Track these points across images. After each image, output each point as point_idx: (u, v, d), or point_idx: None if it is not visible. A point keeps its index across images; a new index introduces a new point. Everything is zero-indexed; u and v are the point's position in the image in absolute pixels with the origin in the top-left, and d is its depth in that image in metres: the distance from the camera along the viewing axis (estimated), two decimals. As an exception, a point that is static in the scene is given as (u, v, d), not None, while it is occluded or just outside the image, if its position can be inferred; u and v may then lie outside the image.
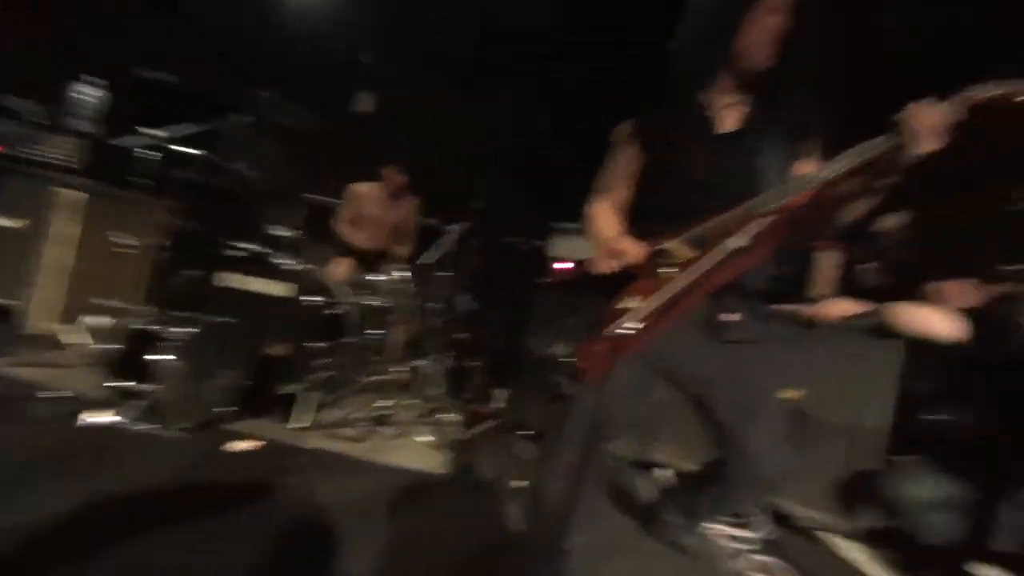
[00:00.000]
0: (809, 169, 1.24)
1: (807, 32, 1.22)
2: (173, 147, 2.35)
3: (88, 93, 3.08)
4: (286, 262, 2.47)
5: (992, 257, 2.01)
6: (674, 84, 1.31)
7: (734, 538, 1.91)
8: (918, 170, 1.04)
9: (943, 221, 2.58)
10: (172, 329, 2.04)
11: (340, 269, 3.15)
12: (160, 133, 2.25)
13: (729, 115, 1.30)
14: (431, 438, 2.40)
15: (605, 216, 1.41)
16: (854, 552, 2.00)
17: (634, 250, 1.21)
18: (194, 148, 2.39)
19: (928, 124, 0.99)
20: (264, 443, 2.05)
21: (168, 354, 1.99)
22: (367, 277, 3.07)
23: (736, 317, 1.28)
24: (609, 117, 1.46)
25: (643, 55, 1.37)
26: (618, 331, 1.19)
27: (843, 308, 2.11)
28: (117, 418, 1.95)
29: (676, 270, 1.22)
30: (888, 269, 2.61)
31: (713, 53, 1.26)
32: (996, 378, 1.81)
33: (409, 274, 2.93)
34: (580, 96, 3.31)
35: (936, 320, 1.89)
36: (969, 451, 1.80)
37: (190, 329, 2.07)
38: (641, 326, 1.18)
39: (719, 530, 1.92)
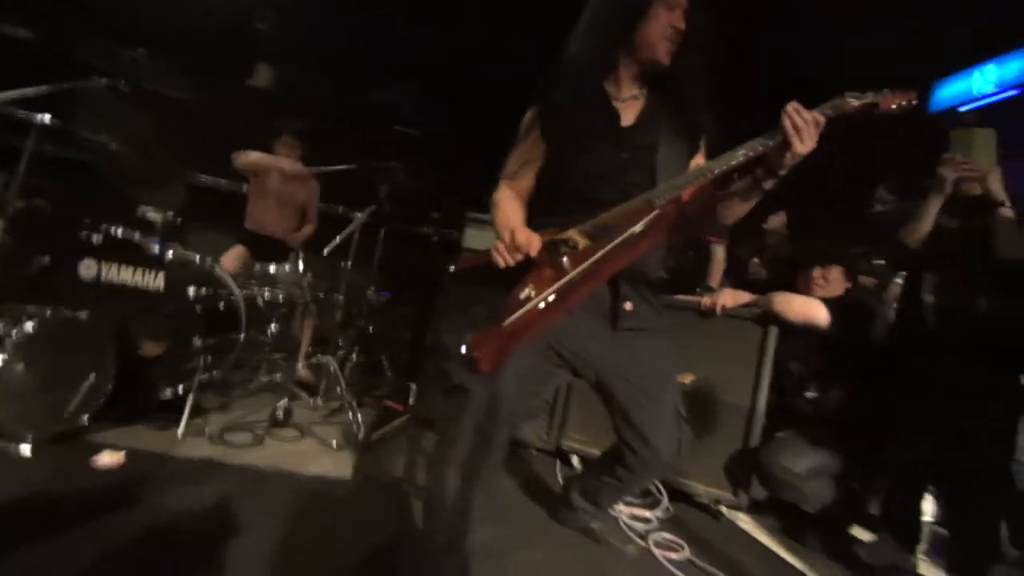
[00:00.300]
0: (700, 163, 1.31)
1: (701, 34, 1.26)
2: (18, 111, 1.99)
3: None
4: (162, 249, 2.18)
5: (856, 254, 2.27)
6: (574, 72, 1.31)
7: (637, 518, 1.99)
8: (794, 172, 1.12)
9: (815, 221, 2.88)
10: (13, 327, 1.72)
11: (232, 257, 2.87)
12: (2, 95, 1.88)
13: (629, 108, 1.34)
14: (335, 440, 2.26)
15: (508, 203, 1.39)
16: (747, 523, 2.17)
17: (532, 244, 1.19)
18: (46, 113, 2.04)
19: (808, 124, 1.05)
20: (126, 456, 1.79)
21: (6, 355, 1.68)
22: (267, 267, 2.82)
23: (632, 306, 1.32)
24: (524, 104, 1.43)
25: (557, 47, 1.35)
26: (513, 319, 1.16)
27: (733, 297, 2.27)
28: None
29: (569, 261, 1.22)
30: (770, 263, 2.88)
31: (613, 44, 1.28)
32: (857, 359, 2.04)
33: (304, 264, 2.72)
34: (496, 82, 3.24)
35: (815, 308, 2.09)
36: (836, 425, 2.02)
37: (36, 326, 1.76)
38: (537, 314, 1.17)
39: (622, 511, 2.00)
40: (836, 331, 2.07)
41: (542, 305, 1.18)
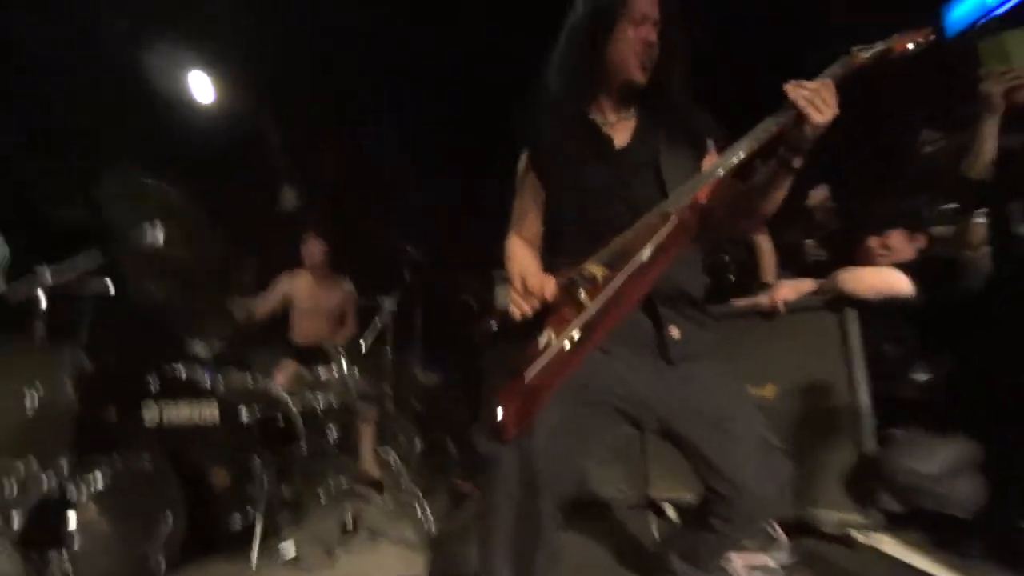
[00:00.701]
0: (712, 162, 1.20)
1: (679, 39, 1.22)
2: (70, 282, 2.20)
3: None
4: (213, 379, 2.26)
5: (916, 206, 2.01)
6: (556, 106, 1.28)
7: (756, 567, 1.71)
8: (823, 141, 1.02)
9: (862, 184, 2.61)
10: (88, 483, 1.79)
11: (284, 372, 2.94)
12: (50, 273, 2.09)
13: (621, 130, 1.28)
14: (407, 539, 2.14)
15: (520, 251, 1.33)
16: (891, 545, 1.81)
17: (547, 287, 1.09)
18: (96, 277, 2.25)
19: (819, 93, 0.97)
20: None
21: (86, 512, 1.73)
22: (318, 373, 2.86)
23: (680, 332, 1.16)
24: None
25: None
26: (535, 371, 1.04)
27: (794, 288, 2.04)
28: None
29: (587, 295, 1.10)
30: (826, 241, 2.61)
31: (586, 71, 1.25)
32: (960, 320, 1.74)
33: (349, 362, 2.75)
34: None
35: (891, 276, 1.83)
36: (961, 404, 1.69)
37: (108, 478, 1.83)
38: (560, 359, 1.04)
39: (739, 561, 1.72)
40: (926, 296, 1.78)
41: (566, 347, 1.06)
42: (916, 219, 1.96)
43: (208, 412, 2.21)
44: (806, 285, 2.06)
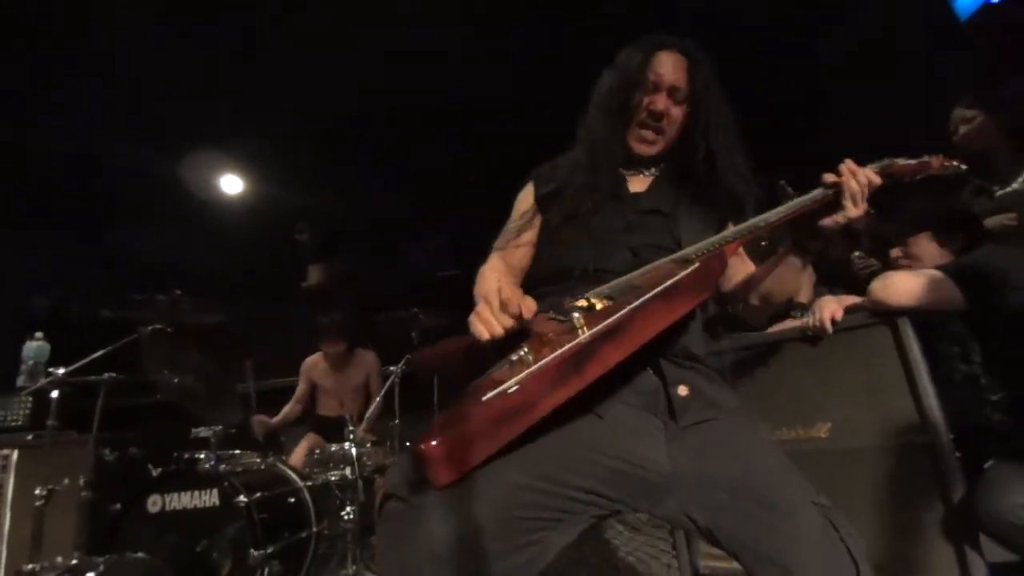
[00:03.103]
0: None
1: (706, 111, 1.17)
2: (89, 377, 2.27)
3: (32, 349, 3.05)
4: (216, 465, 2.20)
5: (946, 203, 1.72)
6: (587, 153, 1.24)
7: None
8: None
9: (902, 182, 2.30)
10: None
11: (302, 447, 2.87)
12: (62, 371, 2.17)
13: (640, 179, 1.24)
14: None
15: (495, 272, 1.19)
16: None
17: (526, 304, 0.85)
18: (112, 372, 2.32)
19: (863, 185, 0.97)
20: None
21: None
22: (340, 448, 2.75)
23: (689, 391, 0.96)
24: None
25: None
26: (499, 392, 0.71)
27: (841, 305, 1.76)
28: None
29: (583, 320, 0.84)
30: (874, 251, 2.28)
31: (609, 130, 1.22)
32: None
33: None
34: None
35: (930, 281, 1.52)
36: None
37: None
38: (538, 383, 0.74)
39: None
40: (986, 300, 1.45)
41: (548, 369, 0.75)
42: (946, 218, 1.66)
43: (207, 499, 2.13)
44: (850, 300, 1.78)
